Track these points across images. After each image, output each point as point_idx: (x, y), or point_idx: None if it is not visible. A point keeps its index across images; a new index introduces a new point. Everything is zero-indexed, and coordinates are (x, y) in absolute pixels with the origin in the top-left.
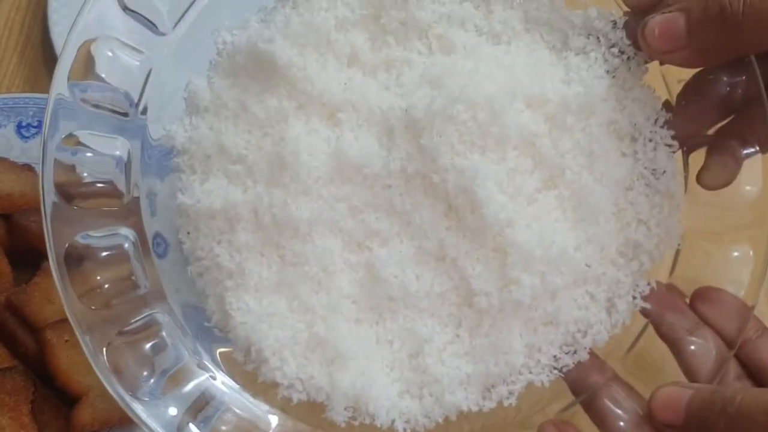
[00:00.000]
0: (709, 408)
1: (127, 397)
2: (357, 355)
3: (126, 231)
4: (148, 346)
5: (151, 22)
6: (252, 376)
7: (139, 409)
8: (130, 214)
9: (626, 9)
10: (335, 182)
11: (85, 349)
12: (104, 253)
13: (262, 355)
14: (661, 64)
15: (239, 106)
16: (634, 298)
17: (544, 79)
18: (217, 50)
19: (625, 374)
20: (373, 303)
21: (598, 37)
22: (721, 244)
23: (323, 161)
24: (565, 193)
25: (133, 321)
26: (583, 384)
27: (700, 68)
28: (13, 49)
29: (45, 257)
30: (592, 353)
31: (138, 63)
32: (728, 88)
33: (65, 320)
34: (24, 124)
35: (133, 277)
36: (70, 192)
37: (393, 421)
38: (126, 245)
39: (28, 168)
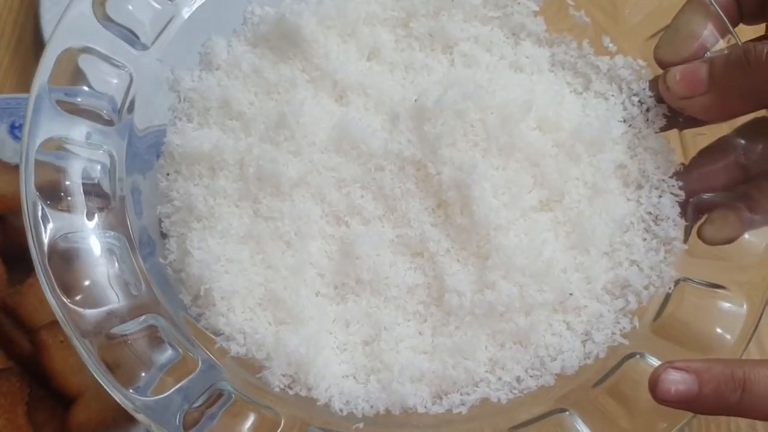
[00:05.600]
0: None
1: (126, 395)
2: (309, 323)
3: (112, 234)
4: (143, 344)
5: (132, 32)
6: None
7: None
8: (116, 217)
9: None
10: (329, 151)
11: (78, 347)
12: (91, 255)
13: (211, 297)
14: (681, 115)
15: (252, 70)
16: (614, 333)
17: (560, 107)
18: (244, 19)
19: (589, 406)
20: (339, 281)
21: (620, 86)
22: (714, 295)
23: (322, 128)
24: (561, 218)
25: (126, 322)
26: None
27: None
28: (6, 49)
29: None
30: None
31: (117, 79)
32: (745, 154)
33: None
34: (17, 124)
35: (123, 279)
36: (53, 194)
37: (331, 398)
38: (114, 248)
39: None
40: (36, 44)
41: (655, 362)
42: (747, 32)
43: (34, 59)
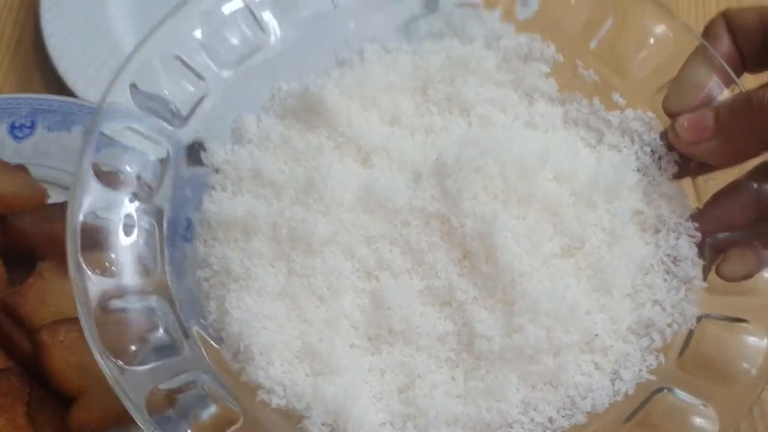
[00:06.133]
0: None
1: None
2: (346, 372)
3: (154, 299)
4: (187, 400)
5: (168, 111)
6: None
7: None
8: (159, 283)
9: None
10: (357, 210)
11: (128, 405)
12: (136, 317)
13: (250, 352)
14: (690, 160)
15: (281, 140)
16: (641, 371)
17: (575, 160)
18: (272, 95)
19: None
20: (372, 332)
21: (632, 137)
22: (735, 329)
23: (349, 189)
24: (582, 263)
25: (171, 380)
26: None
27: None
28: (6, 49)
29: (39, 258)
30: None
31: (154, 155)
32: (758, 196)
33: (60, 321)
34: (17, 124)
35: (167, 340)
36: (97, 260)
37: None
38: (157, 311)
39: (21, 168)
40: (36, 44)
41: (682, 395)
42: (750, 81)
43: (34, 60)
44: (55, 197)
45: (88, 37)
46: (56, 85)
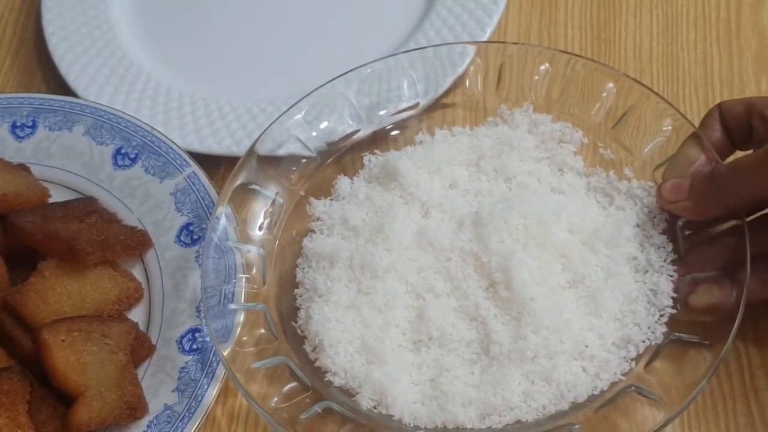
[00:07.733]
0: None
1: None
2: (392, 364)
3: (261, 305)
4: (276, 376)
5: (287, 177)
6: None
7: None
8: (268, 295)
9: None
10: (412, 248)
11: (233, 377)
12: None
13: (323, 345)
14: (670, 213)
15: (365, 198)
16: (616, 373)
17: (587, 216)
18: (363, 165)
19: (588, 423)
20: (416, 337)
21: (635, 201)
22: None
23: (408, 233)
24: (582, 293)
25: (266, 359)
26: None
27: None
28: (7, 49)
29: (40, 257)
30: None
31: (271, 207)
32: (729, 248)
33: (61, 320)
34: (18, 124)
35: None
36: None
37: (403, 415)
38: (262, 314)
39: (22, 168)
40: (37, 44)
41: (644, 392)
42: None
43: (35, 59)
44: (56, 197)
45: (89, 37)
46: (57, 84)
